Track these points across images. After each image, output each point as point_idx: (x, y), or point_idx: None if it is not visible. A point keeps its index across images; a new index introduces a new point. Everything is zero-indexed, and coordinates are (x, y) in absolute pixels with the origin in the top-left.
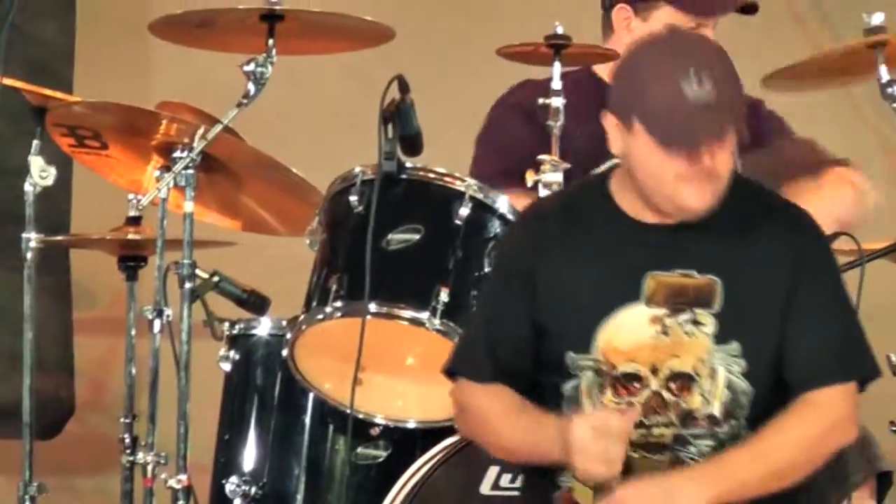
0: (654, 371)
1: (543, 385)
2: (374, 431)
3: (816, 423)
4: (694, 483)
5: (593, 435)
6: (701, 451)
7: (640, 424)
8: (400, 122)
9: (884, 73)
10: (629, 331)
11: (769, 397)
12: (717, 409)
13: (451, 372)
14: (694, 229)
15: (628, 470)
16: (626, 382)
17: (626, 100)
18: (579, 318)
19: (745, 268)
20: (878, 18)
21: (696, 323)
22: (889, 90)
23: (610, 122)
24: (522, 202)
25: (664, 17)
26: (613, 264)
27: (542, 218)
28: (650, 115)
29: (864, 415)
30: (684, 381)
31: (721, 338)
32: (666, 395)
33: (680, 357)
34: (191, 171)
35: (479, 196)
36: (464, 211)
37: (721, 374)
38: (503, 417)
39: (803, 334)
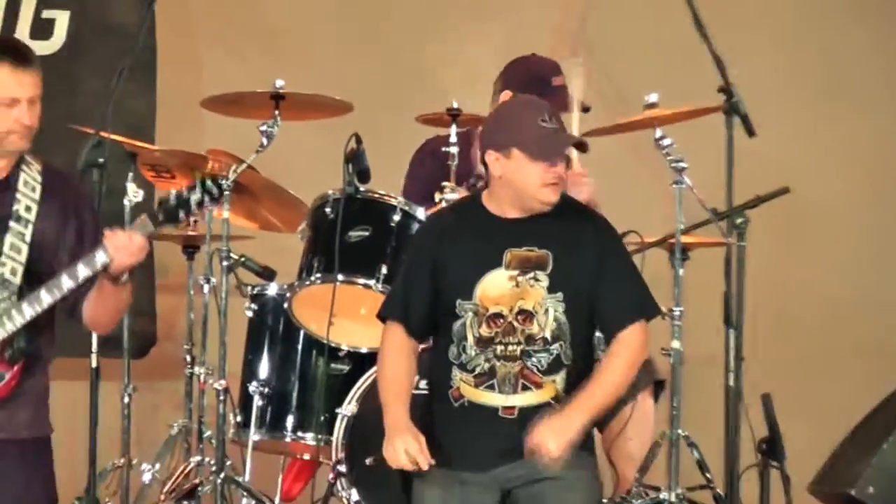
0: (511, 310)
1: (440, 326)
2: (341, 354)
3: (630, 353)
4: (576, 413)
5: (399, 446)
6: (539, 361)
7: (500, 342)
8: (356, 162)
9: (658, 132)
10: (495, 285)
11: (581, 329)
12: (548, 334)
13: (381, 316)
14: (535, 221)
15: (493, 373)
16: (494, 318)
17: (503, 137)
18: (465, 277)
19: (566, 245)
20: (653, 97)
21: (536, 280)
22: (660, 142)
23: (490, 156)
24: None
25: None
26: (485, 243)
27: (440, 217)
28: (524, 142)
29: (648, 344)
30: (527, 315)
31: (551, 289)
32: (516, 324)
33: (525, 300)
34: (227, 193)
35: (406, 208)
36: (396, 217)
37: (551, 312)
38: (390, 355)
39: (609, 293)
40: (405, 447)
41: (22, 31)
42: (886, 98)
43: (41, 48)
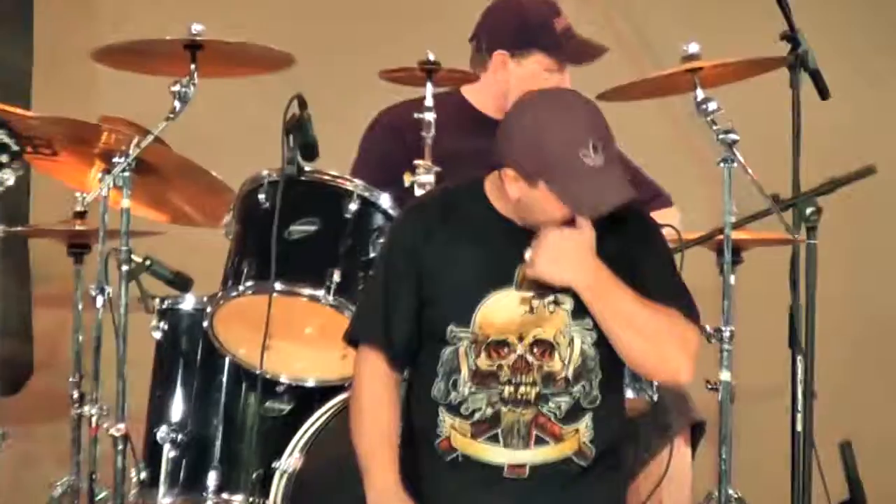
0: (521, 338)
1: (424, 351)
2: (280, 388)
3: (680, 326)
4: (594, 266)
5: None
6: (559, 406)
7: (508, 382)
8: (299, 133)
9: (699, 93)
10: (502, 309)
11: (612, 363)
12: (570, 372)
13: (353, 339)
14: None
15: (497, 420)
16: (497, 348)
17: (531, 164)
18: (461, 297)
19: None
20: (693, 47)
21: (556, 303)
22: (703, 107)
23: (509, 174)
24: None
25: (535, 61)
26: (490, 253)
27: (425, 207)
28: (559, 181)
29: None
30: (546, 347)
31: (576, 314)
32: (530, 358)
33: (543, 328)
34: (127, 174)
35: (366, 194)
36: (353, 206)
37: (577, 344)
38: (370, 394)
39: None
40: None
41: None
42: None
43: None
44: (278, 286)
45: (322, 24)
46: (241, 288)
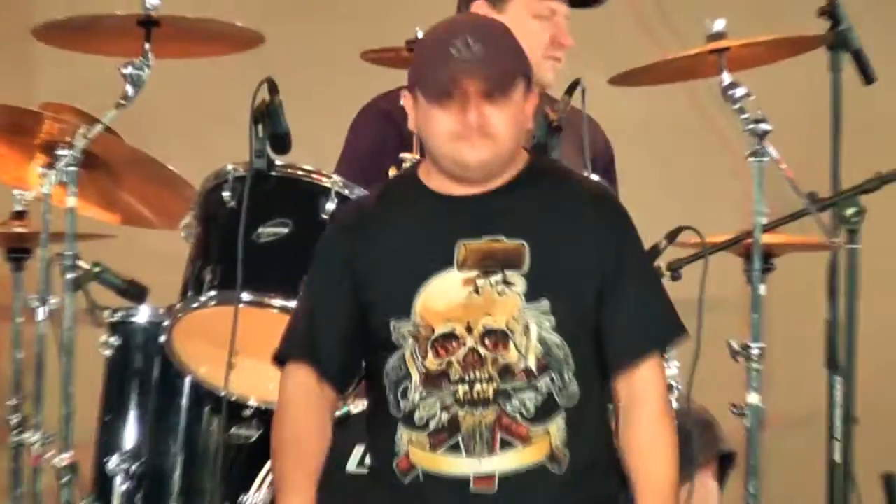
0: (469, 329)
1: (372, 365)
2: (247, 413)
3: (660, 410)
4: None
5: None
6: (524, 403)
7: (460, 380)
8: (269, 122)
9: (726, 77)
10: (444, 293)
11: (584, 350)
12: (531, 363)
13: (279, 357)
14: (500, 199)
15: (456, 426)
16: (444, 342)
17: (412, 76)
18: (399, 287)
19: (550, 233)
20: (719, 25)
21: (507, 283)
22: (730, 92)
23: (407, 102)
24: None
25: (519, 4)
26: (426, 235)
27: (359, 206)
28: (424, 81)
29: (707, 398)
30: (498, 337)
31: (531, 296)
32: (482, 350)
33: (493, 315)
34: (73, 168)
35: (345, 192)
36: (330, 206)
37: (533, 330)
38: (290, 409)
39: (620, 315)
40: None
41: None
42: None
43: None
44: (245, 296)
45: None
46: (202, 298)
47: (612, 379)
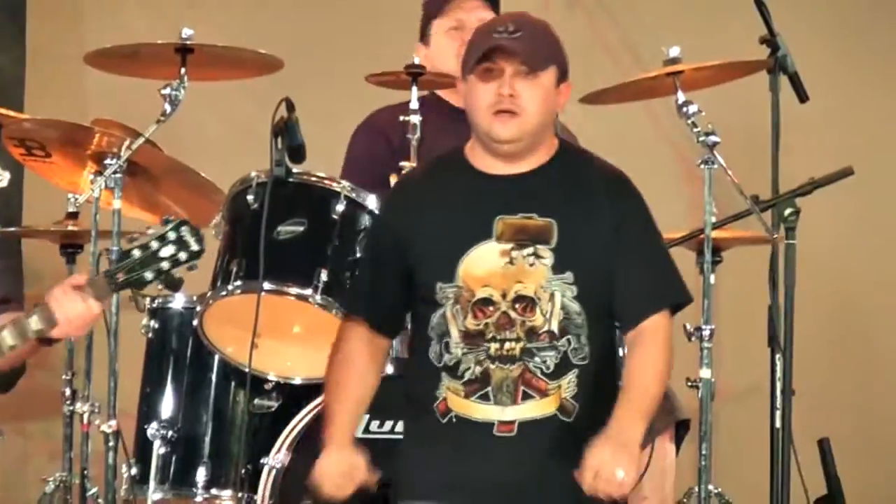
0: (504, 295)
1: (417, 317)
2: (268, 386)
3: (660, 346)
4: (631, 423)
5: (335, 470)
6: (545, 361)
7: (493, 339)
8: (287, 136)
9: (681, 96)
10: (484, 261)
11: (598, 319)
12: (555, 326)
13: (344, 311)
14: (534, 180)
15: (487, 379)
16: (482, 306)
17: (463, 61)
18: (445, 254)
19: (575, 213)
20: (674, 51)
21: (537, 256)
22: (684, 109)
23: (460, 87)
24: None
25: (437, 30)
26: (469, 209)
27: (407, 181)
28: (469, 57)
29: None
30: (528, 302)
31: (557, 268)
32: (513, 314)
33: (524, 283)
34: (119, 176)
35: (353, 195)
36: (340, 207)
37: (557, 298)
38: (344, 355)
39: (625, 273)
40: (325, 469)
41: None
42: None
43: None
44: (267, 285)
45: (310, 28)
46: (229, 287)
47: (623, 333)
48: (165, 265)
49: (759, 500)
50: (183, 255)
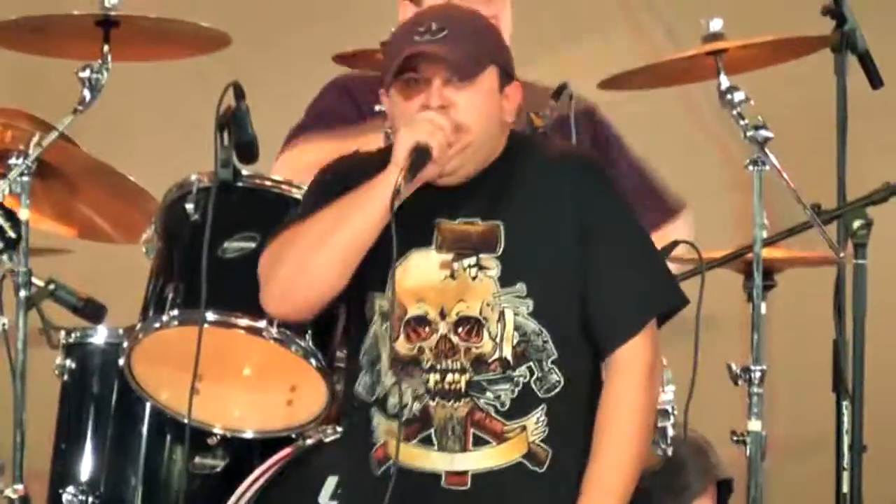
0: (443, 315)
1: (349, 342)
2: (212, 441)
3: (636, 383)
4: None
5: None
6: (498, 396)
7: (432, 369)
8: (236, 129)
9: (724, 81)
10: (420, 272)
11: (567, 338)
12: (507, 353)
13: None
14: (478, 180)
15: (428, 418)
16: (416, 326)
17: (382, 71)
18: (377, 261)
19: (526, 212)
20: (716, 25)
21: (481, 267)
22: (728, 97)
23: (384, 102)
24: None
25: None
26: (406, 212)
27: (349, 160)
28: (388, 69)
29: (706, 424)
30: (472, 325)
31: (505, 279)
32: (455, 339)
33: (467, 302)
34: (26, 179)
35: None
36: None
37: (509, 317)
38: (310, 220)
39: (600, 291)
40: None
41: None
42: None
43: None
44: (210, 316)
45: None
46: (164, 318)
47: (601, 358)
48: None
49: None
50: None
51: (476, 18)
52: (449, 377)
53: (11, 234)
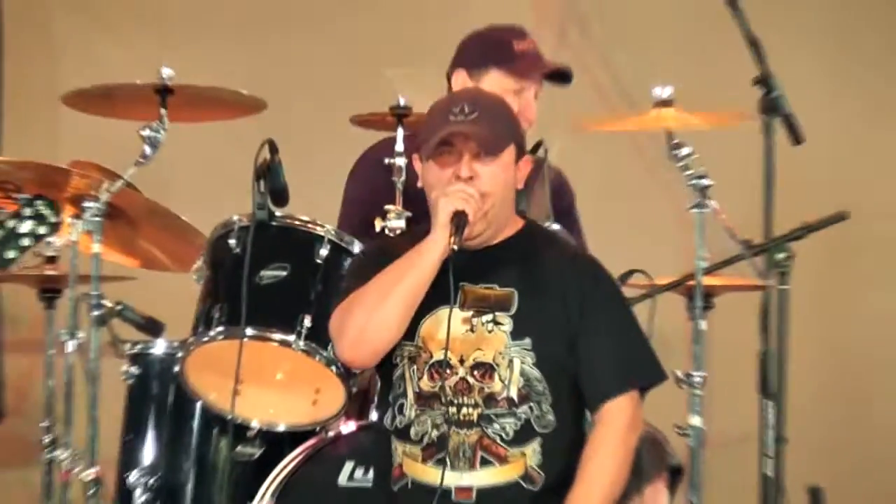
0: (462, 361)
1: (380, 381)
2: (251, 433)
3: (617, 434)
4: None
5: (452, 187)
6: (504, 428)
7: (451, 403)
8: (270, 178)
9: (672, 136)
10: (444, 325)
11: (560, 386)
12: (514, 393)
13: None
14: (498, 253)
15: (444, 443)
16: (439, 369)
17: (420, 139)
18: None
19: (537, 285)
20: (666, 92)
21: (496, 323)
22: (675, 151)
23: (416, 162)
24: None
25: (493, 79)
26: (437, 277)
27: (384, 244)
28: (426, 140)
29: (657, 420)
30: (486, 369)
31: (516, 334)
32: (471, 380)
33: (483, 350)
34: (97, 219)
35: (336, 239)
36: (323, 251)
37: (516, 364)
38: (371, 282)
39: (592, 355)
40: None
41: None
42: None
43: None
44: (249, 331)
45: (293, 68)
46: (211, 333)
47: (590, 410)
48: (26, 241)
49: None
50: (42, 229)
51: (500, 103)
52: (464, 410)
53: (53, 220)
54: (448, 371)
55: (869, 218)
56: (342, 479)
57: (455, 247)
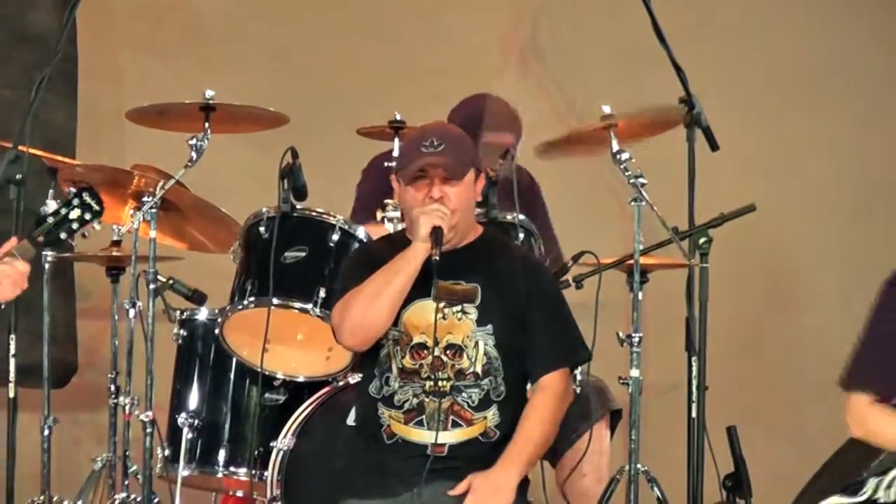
0: (437, 342)
1: (367, 358)
2: (276, 383)
3: (551, 401)
4: (505, 471)
5: (429, 206)
6: (470, 396)
7: (428, 378)
8: (292, 178)
9: (614, 144)
10: (422, 314)
11: (513, 364)
12: (479, 369)
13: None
14: (463, 255)
15: (422, 409)
16: (418, 350)
17: (397, 164)
18: None
19: (495, 280)
20: (607, 109)
21: (464, 312)
22: (618, 156)
23: (394, 183)
24: (380, 231)
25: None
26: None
27: (369, 247)
28: (403, 168)
29: (602, 372)
30: (456, 349)
31: (480, 321)
32: (444, 358)
33: (454, 334)
34: (154, 210)
35: (345, 227)
36: (335, 237)
37: (481, 346)
38: (365, 283)
39: (535, 336)
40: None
41: None
42: (846, 107)
43: None
44: (275, 301)
45: (311, 90)
46: (245, 302)
47: (531, 384)
48: (75, 225)
49: (678, 477)
50: (88, 216)
51: (462, 136)
52: (440, 383)
53: (96, 207)
54: (425, 351)
55: (773, 209)
56: (350, 419)
57: (437, 257)
